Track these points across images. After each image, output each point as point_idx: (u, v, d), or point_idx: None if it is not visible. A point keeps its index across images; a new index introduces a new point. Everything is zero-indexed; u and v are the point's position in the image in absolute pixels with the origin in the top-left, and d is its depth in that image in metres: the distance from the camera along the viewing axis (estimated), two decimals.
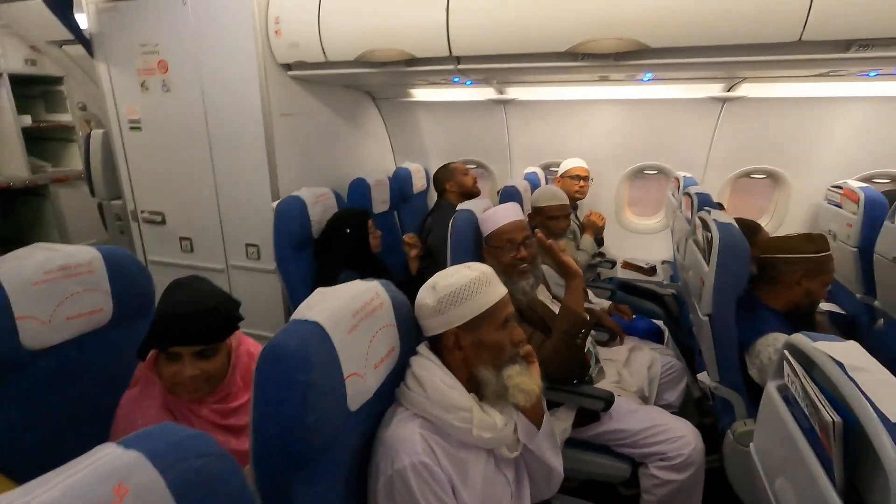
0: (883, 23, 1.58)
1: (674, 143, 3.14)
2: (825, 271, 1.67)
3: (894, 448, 0.57)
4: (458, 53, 2.04)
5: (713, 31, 1.71)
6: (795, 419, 0.82)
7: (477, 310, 1.08)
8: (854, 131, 2.84)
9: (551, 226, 2.40)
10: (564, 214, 2.41)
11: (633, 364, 2.13)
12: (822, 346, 0.78)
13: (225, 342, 1.18)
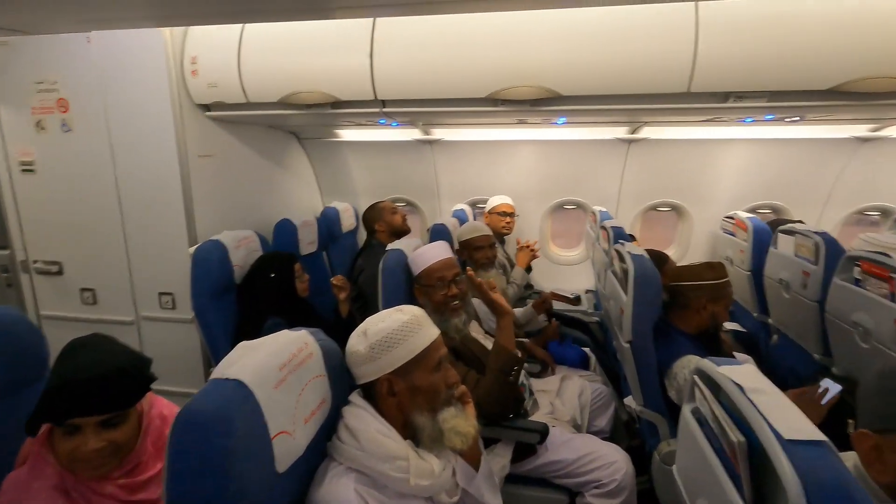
0: (753, 79, 1.84)
1: (589, 180, 3.38)
2: (725, 295, 1.84)
3: (790, 464, 0.62)
4: (383, 97, 2.09)
5: (615, 81, 1.89)
6: (709, 440, 0.88)
7: (410, 354, 1.08)
8: (738, 168, 3.21)
9: (478, 257, 2.48)
10: (489, 244, 2.50)
11: (565, 393, 2.19)
12: (725, 369, 0.85)
13: (135, 407, 1.06)
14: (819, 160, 3.11)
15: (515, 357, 1.66)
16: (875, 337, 1.79)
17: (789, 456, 0.63)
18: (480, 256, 2.49)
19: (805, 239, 2.32)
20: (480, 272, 2.49)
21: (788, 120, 2.45)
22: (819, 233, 2.24)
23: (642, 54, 1.84)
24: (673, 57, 1.81)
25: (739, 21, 1.76)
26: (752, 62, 1.81)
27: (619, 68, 1.88)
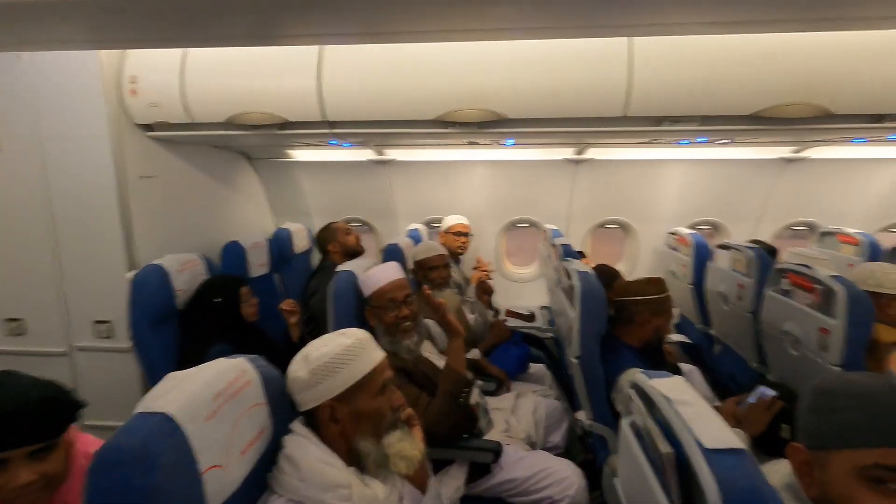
0: (684, 104, 1.95)
1: (541, 199, 3.48)
2: (667, 309, 1.92)
3: (710, 472, 0.65)
4: (332, 118, 2.09)
5: (557, 105, 1.97)
6: (644, 452, 0.91)
7: (353, 378, 1.06)
8: (679, 187, 3.39)
9: (432, 276, 2.49)
10: (443, 264, 2.51)
11: (520, 410, 2.20)
12: (656, 382, 0.89)
13: (63, 436, 1.00)
14: (751, 179, 3.32)
15: (465, 379, 1.66)
16: (803, 344, 1.91)
17: (709, 464, 0.66)
18: (435, 276, 2.50)
19: (739, 253, 2.46)
20: (435, 292, 2.49)
21: (719, 142, 2.61)
22: (751, 247, 2.39)
23: (582, 81, 1.93)
24: (610, 83, 1.91)
25: (669, 52, 1.88)
26: (683, 89, 1.93)
27: (561, 93, 1.96)
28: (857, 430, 0.74)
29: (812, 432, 0.80)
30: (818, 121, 1.91)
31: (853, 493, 0.72)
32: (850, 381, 0.80)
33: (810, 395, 0.83)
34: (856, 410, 0.75)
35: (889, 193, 3.37)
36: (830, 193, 3.36)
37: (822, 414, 0.79)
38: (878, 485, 0.71)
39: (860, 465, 0.72)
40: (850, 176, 3.28)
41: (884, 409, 0.74)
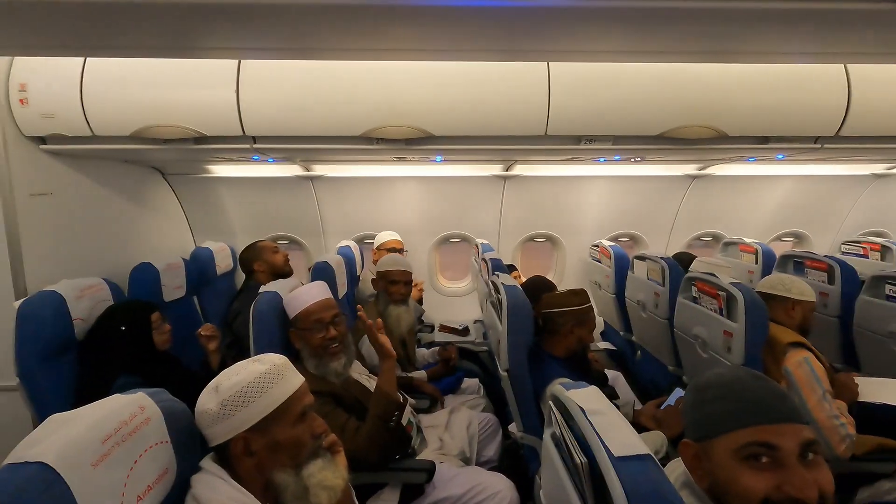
0: (599, 125, 2.07)
1: (472, 214, 3.54)
2: (589, 319, 1.99)
3: (617, 479, 0.67)
4: (252, 133, 2.01)
5: (481, 123, 2.02)
6: (564, 462, 0.93)
7: (269, 407, 1.00)
8: (601, 202, 3.58)
9: (393, 290, 2.45)
10: (405, 281, 2.47)
11: (454, 427, 2.19)
12: (572, 393, 0.91)
13: None
14: (663, 194, 3.58)
15: (396, 402, 1.63)
16: (710, 347, 2.05)
17: (617, 471, 0.68)
18: (395, 291, 2.46)
19: (654, 263, 2.63)
20: (392, 307, 2.45)
21: (633, 160, 2.80)
22: (664, 257, 2.56)
23: (505, 101, 2.00)
24: (531, 104, 1.99)
25: (583, 77, 2.00)
26: (597, 111, 2.05)
27: (486, 112, 2.01)
28: (728, 414, 0.80)
29: (695, 426, 0.86)
30: (715, 141, 2.10)
31: (734, 473, 0.77)
32: (719, 373, 0.87)
33: (690, 393, 0.89)
34: (726, 398, 0.82)
35: (777, 207, 3.76)
36: (731, 207, 3.70)
37: (700, 407, 0.85)
38: (754, 461, 0.77)
39: (736, 446, 0.78)
40: (747, 191, 3.63)
41: (748, 392, 0.81)
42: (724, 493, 0.79)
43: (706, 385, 0.86)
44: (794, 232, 3.92)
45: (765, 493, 0.74)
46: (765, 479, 0.75)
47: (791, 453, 0.75)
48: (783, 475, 0.74)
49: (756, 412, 0.79)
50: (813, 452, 0.77)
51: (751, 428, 0.78)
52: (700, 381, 0.88)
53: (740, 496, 0.76)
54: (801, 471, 0.74)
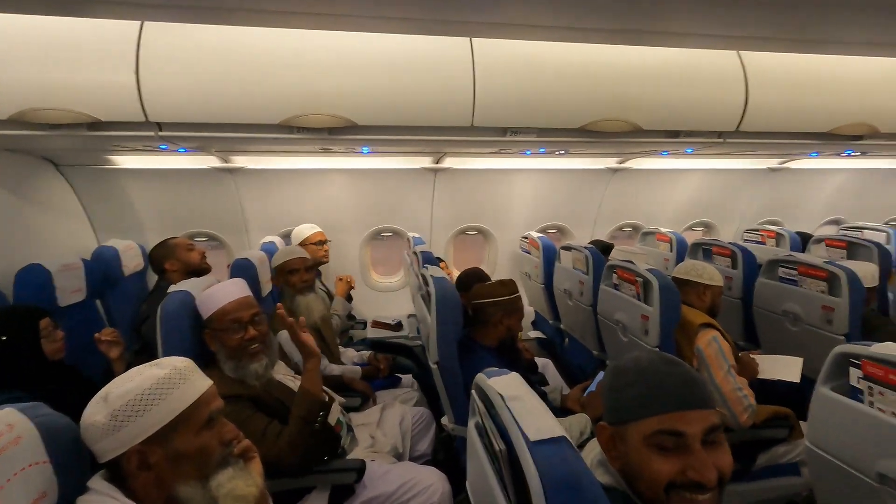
0: (524, 117, 2.11)
1: (403, 208, 3.49)
2: (518, 309, 2.03)
3: (533, 463, 0.67)
4: (157, 119, 1.84)
5: (408, 114, 1.99)
6: (487, 452, 0.92)
7: (169, 415, 0.91)
8: (530, 194, 3.67)
9: (294, 281, 2.34)
10: (304, 267, 2.37)
11: (386, 423, 2.15)
12: (493, 381, 0.90)
13: None
14: (587, 187, 3.73)
15: (321, 402, 1.57)
16: (630, 331, 2.16)
17: (533, 455, 0.68)
18: (297, 280, 2.34)
19: (579, 253, 2.72)
20: (299, 297, 2.34)
21: (557, 153, 2.88)
22: (587, 247, 2.66)
23: (431, 91, 1.97)
24: (457, 95, 1.98)
25: (507, 68, 2.01)
26: (522, 104, 2.08)
27: (411, 102, 1.98)
28: (641, 402, 0.83)
29: (611, 409, 0.88)
30: (631, 135, 2.20)
31: (644, 458, 0.80)
32: (635, 358, 0.90)
33: (607, 377, 0.91)
34: (640, 384, 0.84)
35: (688, 199, 4.04)
36: (648, 199, 3.93)
37: (616, 391, 0.87)
38: (662, 448, 0.80)
39: (647, 433, 0.80)
40: (661, 184, 3.87)
41: (660, 379, 0.83)
42: (636, 476, 0.82)
43: (623, 370, 0.88)
44: (703, 222, 4.24)
45: (670, 478, 0.78)
46: (670, 464, 0.79)
47: (695, 439, 0.79)
48: (687, 459, 0.78)
49: (666, 401, 0.81)
50: (716, 436, 0.81)
51: (660, 416, 0.81)
52: (618, 365, 0.90)
53: (648, 480, 0.80)
54: (703, 455, 0.78)
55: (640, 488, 0.81)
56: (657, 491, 0.79)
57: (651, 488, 0.79)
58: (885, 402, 1.08)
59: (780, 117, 2.30)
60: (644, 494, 0.81)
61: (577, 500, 0.65)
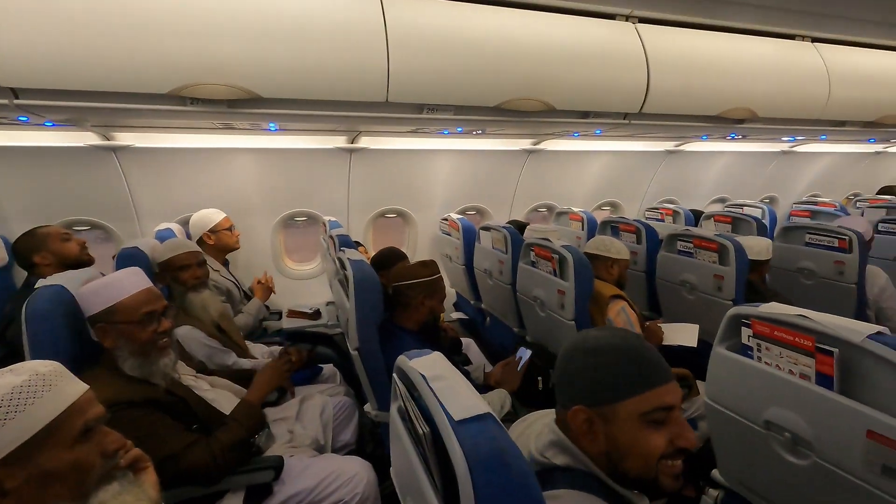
0: (441, 93, 2.05)
1: (318, 190, 3.32)
2: (439, 290, 2.00)
3: (457, 442, 0.64)
4: (10, 84, 1.55)
5: (318, 87, 1.86)
6: (410, 436, 0.88)
7: (28, 431, 0.76)
8: (449, 176, 3.65)
9: (185, 277, 2.11)
10: (197, 262, 2.16)
11: (306, 416, 2.04)
12: (415, 362, 0.86)
13: None
14: (504, 168, 3.79)
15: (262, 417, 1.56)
16: (548, 306, 2.22)
17: (457, 435, 0.65)
18: (188, 277, 2.12)
19: (498, 233, 2.76)
20: (191, 296, 2.13)
21: (475, 133, 2.88)
22: (505, 227, 2.70)
23: (341, 62, 1.85)
24: (370, 67, 1.88)
25: (421, 40, 1.94)
26: (438, 79, 2.02)
27: (320, 74, 1.85)
28: (632, 378, 0.83)
29: (592, 391, 0.85)
30: (544, 114, 2.24)
31: (638, 435, 0.81)
32: (606, 336, 0.88)
33: (578, 358, 0.88)
34: (625, 363, 0.83)
35: (598, 180, 4.26)
36: (561, 180, 4.08)
37: (597, 372, 0.85)
38: (655, 422, 0.82)
39: (644, 409, 0.81)
40: (573, 166, 4.04)
41: (642, 355, 0.84)
42: (626, 455, 0.82)
43: (598, 349, 0.85)
44: (611, 201, 4.50)
45: (662, 450, 0.81)
46: (661, 437, 0.81)
47: (677, 409, 0.83)
48: (672, 430, 0.82)
49: (655, 376, 0.83)
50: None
51: (653, 391, 0.82)
52: (586, 345, 0.87)
53: (642, 455, 0.81)
54: (685, 423, 0.83)
55: (631, 465, 0.82)
56: (651, 464, 0.81)
57: (646, 463, 0.81)
58: (771, 356, 1.19)
59: (676, 100, 2.47)
60: (633, 472, 0.82)
61: (505, 477, 0.63)
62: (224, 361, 2.14)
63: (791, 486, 1.17)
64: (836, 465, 1.05)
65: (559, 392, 0.90)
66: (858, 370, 1.03)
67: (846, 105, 2.98)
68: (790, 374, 1.14)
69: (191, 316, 2.11)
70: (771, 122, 2.85)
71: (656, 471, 0.81)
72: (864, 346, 0.99)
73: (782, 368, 1.16)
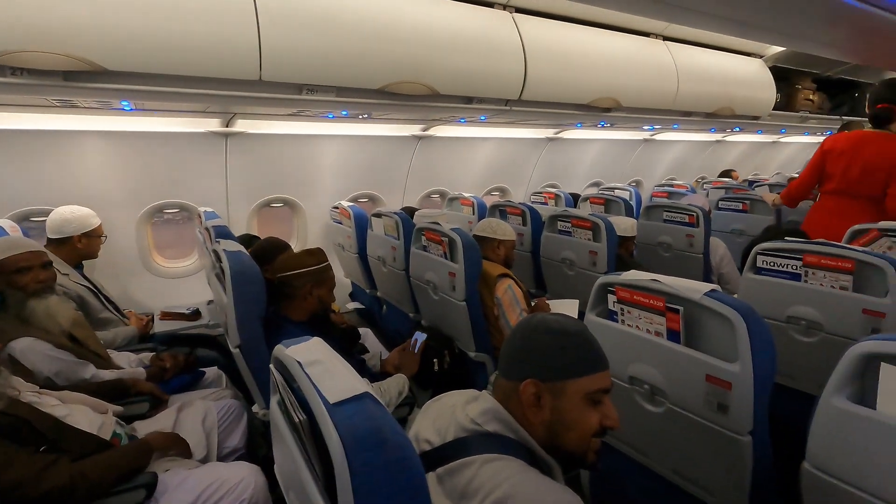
0: (321, 74, 1.97)
1: (191, 179, 3.02)
2: (328, 279, 1.93)
3: (332, 425, 0.61)
4: None
5: (178, 60, 1.67)
6: (290, 428, 0.83)
7: None
8: (339, 162, 3.53)
9: (25, 282, 1.78)
10: (41, 264, 1.84)
11: (185, 425, 1.86)
12: (291, 350, 0.81)
13: None
14: (395, 154, 3.76)
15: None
16: (440, 289, 2.26)
17: (332, 418, 0.62)
18: (28, 281, 1.79)
19: (389, 219, 2.73)
20: (34, 303, 1.81)
21: (361, 117, 2.81)
22: (397, 213, 2.68)
23: (204, 33, 1.69)
24: (238, 41, 1.74)
25: (296, 17, 1.84)
26: (318, 58, 1.93)
27: (180, 45, 1.66)
28: (585, 360, 0.91)
29: (550, 367, 0.91)
30: (429, 98, 2.25)
31: (581, 411, 0.90)
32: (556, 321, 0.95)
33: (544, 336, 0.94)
34: (581, 346, 0.92)
35: (486, 166, 4.42)
36: (452, 166, 4.16)
37: (559, 351, 0.92)
38: (595, 404, 0.91)
39: (589, 389, 0.90)
40: (463, 152, 4.13)
41: (592, 341, 0.94)
42: (567, 428, 0.90)
43: (564, 331, 0.93)
44: (499, 186, 4.69)
45: (596, 428, 0.90)
46: (596, 416, 0.91)
47: (609, 393, 0.94)
48: (603, 410, 0.92)
49: (601, 361, 0.93)
50: None
51: (599, 374, 0.92)
52: (550, 326, 0.93)
53: (581, 431, 0.90)
54: (611, 406, 0.93)
55: (569, 438, 0.91)
56: (587, 439, 0.91)
57: (582, 438, 0.90)
58: (631, 318, 1.32)
59: (552, 89, 2.62)
60: (569, 445, 0.91)
61: (382, 454, 0.62)
62: (80, 374, 1.86)
63: (651, 431, 1.32)
64: (684, 408, 1.20)
65: (509, 366, 0.96)
66: (699, 324, 1.19)
67: (691, 98, 3.41)
68: (647, 332, 1.28)
69: (32, 326, 1.80)
70: (633, 111, 3.16)
71: (587, 446, 0.91)
72: (702, 302, 1.14)
73: (641, 329, 1.29)
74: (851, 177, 2.55)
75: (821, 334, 1.71)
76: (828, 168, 2.66)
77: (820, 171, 2.72)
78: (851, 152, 2.55)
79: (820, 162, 2.71)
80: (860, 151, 2.53)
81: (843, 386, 0.94)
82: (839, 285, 1.69)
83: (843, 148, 2.59)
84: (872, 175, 2.48)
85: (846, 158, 2.56)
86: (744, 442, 1.10)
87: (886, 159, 2.44)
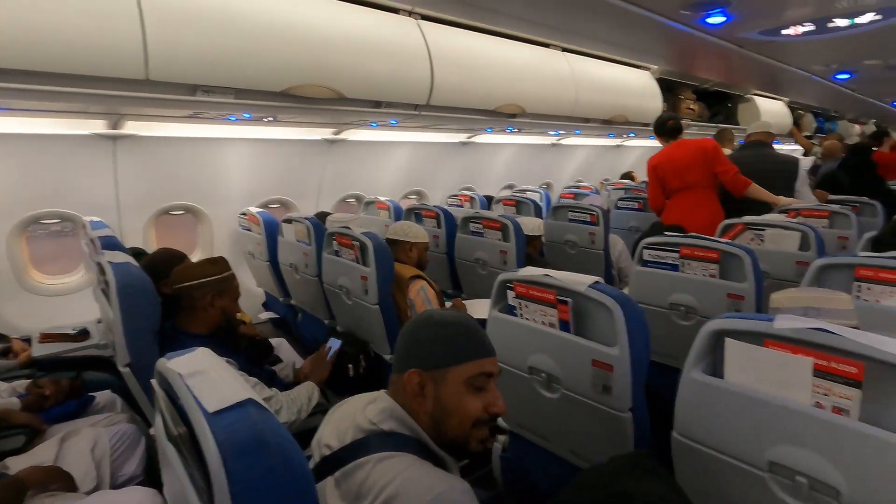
0: (218, 74, 1.88)
1: (73, 186, 2.74)
2: (231, 288, 1.84)
3: (210, 434, 0.60)
4: None
5: (45, 55, 1.52)
6: (172, 444, 0.80)
7: None
8: (247, 167, 3.38)
9: None
10: None
11: (69, 456, 1.69)
12: (174, 362, 0.78)
13: None
14: (308, 158, 3.67)
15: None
16: (353, 294, 2.25)
17: (211, 427, 0.61)
18: None
19: (301, 224, 2.67)
20: None
21: (266, 120, 2.72)
22: (308, 217, 2.63)
23: (80, 28, 1.55)
24: (117, 36, 1.61)
25: (188, 11, 1.75)
26: (213, 58, 1.85)
27: (51, 40, 1.51)
28: (465, 347, 0.94)
29: (430, 355, 0.94)
30: (335, 102, 2.23)
31: (461, 398, 0.92)
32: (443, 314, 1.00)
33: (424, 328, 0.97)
34: (463, 335, 0.95)
35: (402, 170, 4.44)
36: (368, 170, 4.14)
37: (438, 340, 0.95)
38: (475, 388, 0.93)
39: (469, 374, 0.92)
40: (378, 156, 4.12)
41: (475, 330, 0.97)
42: (448, 414, 0.92)
43: (443, 322, 0.97)
44: (416, 190, 4.73)
45: (478, 414, 0.92)
46: (479, 402, 0.93)
47: (494, 379, 0.96)
48: (487, 397, 0.94)
49: (482, 348, 0.96)
50: None
51: (480, 360, 0.94)
52: (433, 320, 0.98)
53: (461, 416, 0.92)
54: (498, 393, 0.96)
55: (450, 425, 0.92)
56: (467, 426, 0.92)
57: (462, 424, 0.92)
58: (529, 312, 1.41)
59: (459, 95, 2.71)
60: (451, 432, 0.92)
61: (265, 459, 0.61)
62: None
63: (550, 417, 1.41)
64: (575, 392, 1.30)
65: (397, 360, 0.99)
66: (586, 314, 1.29)
67: (589, 106, 3.67)
68: (542, 324, 1.37)
69: None
70: (537, 117, 3.34)
71: (469, 433, 0.93)
72: (587, 293, 1.24)
73: (537, 321, 1.38)
74: (685, 176, 3.07)
75: (696, 318, 1.92)
76: (664, 178, 3.16)
77: (661, 184, 3.19)
78: (671, 162, 3.12)
79: (655, 177, 3.21)
80: (676, 159, 3.09)
81: (699, 360, 1.07)
82: (709, 273, 1.91)
83: (661, 161, 3.16)
84: (695, 170, 3.03)
85: (671, 165, 3.11)
86: (625, 418, 1.21)
87: (697, 156, 3.03)
